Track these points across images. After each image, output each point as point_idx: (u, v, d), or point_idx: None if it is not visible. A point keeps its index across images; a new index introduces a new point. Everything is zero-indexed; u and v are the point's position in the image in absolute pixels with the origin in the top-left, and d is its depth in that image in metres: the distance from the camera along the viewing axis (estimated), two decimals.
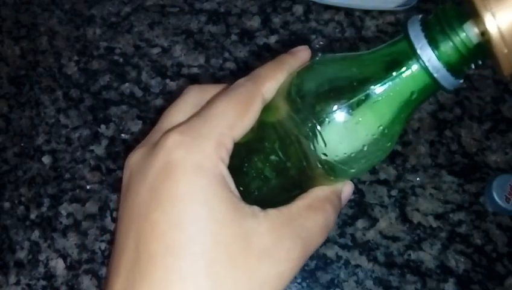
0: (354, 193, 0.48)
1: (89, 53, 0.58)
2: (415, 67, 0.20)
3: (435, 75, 0.19)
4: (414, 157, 0.49)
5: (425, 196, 0.48)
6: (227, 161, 0.21)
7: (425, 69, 0.20)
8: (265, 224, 0.20)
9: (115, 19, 0.60)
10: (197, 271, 0.18)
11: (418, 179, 0.48)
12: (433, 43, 0.19)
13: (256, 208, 0.20)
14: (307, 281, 0.44)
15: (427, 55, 0.19)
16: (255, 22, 0.58)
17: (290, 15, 0.59)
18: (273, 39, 0.57)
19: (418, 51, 0.19)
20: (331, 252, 0.45)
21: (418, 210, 0.47)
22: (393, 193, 0.48)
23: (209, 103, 0.22)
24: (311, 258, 0.45)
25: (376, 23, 0.58)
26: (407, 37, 0.20)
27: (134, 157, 0.22)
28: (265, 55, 0.56)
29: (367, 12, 0.58)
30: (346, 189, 0.25)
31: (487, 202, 0.47)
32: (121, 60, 0.57)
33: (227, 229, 0.19)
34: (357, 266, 0.45)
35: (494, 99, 0.52)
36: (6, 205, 0.50)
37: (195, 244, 0.19)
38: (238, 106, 0.21)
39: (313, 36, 0.57)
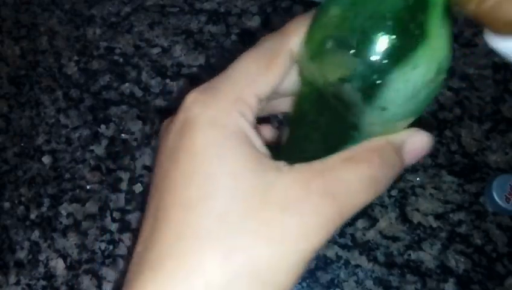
0: None
1: (89, 53, 0.58)
2: None
3: None
4: None
5: (425, 196, 0.48)
6: (250, 117, 0.19)
7: None
8: (289, 176, 0.18)
9: (115, 19, 0.60)
10: (211, 225, 0.17)
11: (418, 179, 0.48)
12: None
13: (281, 163, 0.19)
14: (307, 281, 0.44)
15: None
16: (255, 22, 0.58)
17: (290, 15, 0.59)
18: None
19: None
20: (331, 252, 0.45)
21: (418, 210, 0.47)
22: (393, 193, 0.48)
23: (235, 60, 0.21)
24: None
25: None
26: None
27: (165, 123, 0.22)
28: None
29: None
30: (415, 139, 0.20)
31: (487, 202, 0.47)
32: (121, 60, 0.57)
33: (244, 182, 0.18)
34: (357, 266, 0.45)
35: (494, 99, 0.52)
36: (6, 205, 0.50)
37: (210, 199, 0.18)
38: (261, 61, 0.20)
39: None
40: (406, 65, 0.18)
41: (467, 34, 0.56)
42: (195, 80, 0.55)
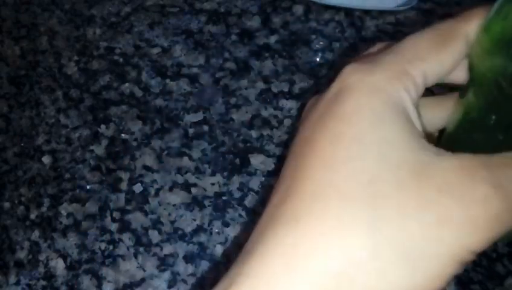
0: None
1: (89, 53, 0.58)
2: None
3: None
4: None
5: None
6: (413, 93, 0.18)
7: None
8: (450, 161, 0.16)
9: (115, 19, 0.60)
10: (354, 187, 0.16)
11: None
12: None
13: (441, 149, 0.17)
14: None
15: None
16: (255, 22, 0.58)
17: (290, 15, 0.59)
18: (273, 39, 0.57)
19: None
20: None
21: None
22: None
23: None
24: None
25: (376, 23, 0.58)
26: None
27: (310, 101, 0.21)
28: (265, 55, 0.56)
29: (367, 12, 0.58)
30: None
31: None
32: (121, 60, 0.57)
33: (399, 152, 0.16)
34: None
35: None
36: (6, 205, 0.50)
37: (356, 160, 0.16)
38: (433, 39, 0.19)
39: (313, 36, 0.57)
40: None
41: None
42: (195, 80, 0.55)
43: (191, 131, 0.52)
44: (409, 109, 0.18)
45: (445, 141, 0.22)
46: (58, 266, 0.47)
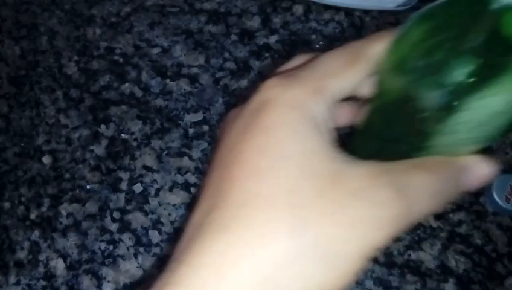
0: None
1: (89, 53, 0.58)
2: None
3: None
4: None
5: None
6: (327, 108, 0.20)
7: None
8: (360, 168, 0.18)
9: (115, 19, 0.60)
10: (278, 196, 0.17)
11: None
12: None
13: (351, 157, 0.19)
14: None
15: None
16: (255, 22, 0.58)
17: (290, 15, 0.59)
18: (273, 39, 0.57)
19: None
20: None
21: None
22: None
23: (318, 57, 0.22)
24: None
25: (376, 23, 0.58)
26: None
27: (232, 112, 0.22)
28: (265, 55, 0.56)
29: (367, 12, 0.58)
30: (480, 166, 0.20)
31: (487, 202, 0.47)
32: (121, 60, 0.57)
33: (316, 163, 0.18)
34: None
35: None
36: (6, 205, 0.50)
37: (279, 170, 0.18)
38: (341, 59, 0.21)
39: (313, 36, 0.57)
40: (487, 91, 0.18)
41: None
42: (195, 80, 0.55)
43: (191, 131, 0.52)
44: (325, 121, 0.19)
45: (355, 147, 0.24)
46: (58, 266, 0.47)
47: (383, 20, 0.57)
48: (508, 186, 0.46)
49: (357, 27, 0.57)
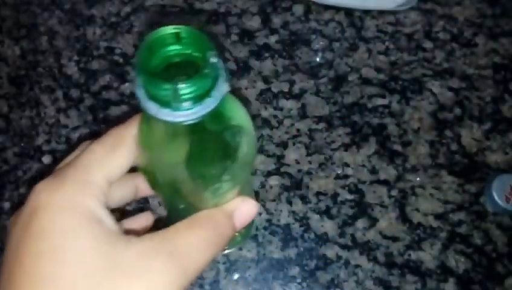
0: (354, 193, 0.48)
1: (89, 53, 0.58)
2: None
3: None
4: (414, 158, 0.49)
5: (425, 196, 0.48)
6: (101, 197, 0.21)
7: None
8: (138, 245, 0.20)
9: (114, 19, 0.60)
10: None
11: (418, 179, 0.48)
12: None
13: (132, 236, 0.21)
14: (307, 281, 0.44)
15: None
16: (255, 22, 0.58)
17: (290, 15, 0.59)
18: (273, 39, 0.57)
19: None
20: (331, 252, 0.45)
21: (418, 210, 0.47)
22: (393, 193, 0.48)
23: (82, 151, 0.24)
24: (311, 258, 0.45)
25: (376, 23, 0.58)
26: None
27: (14, 214, 0.23)
28: (265, 55, 0.56)
29: (367, 12, 0.58)
30: (242, 207, 0.24)
31: (487, 202, 0.47)
32: (121, 60, 0.57)
33: (91, 256, 0.19)
34: (357, 266, 0.45)
35: (494, 99, 0.52)
36: (6, 205, 0.50)
37: (58, 274, 0.19)
38: (107, 145, 0.23)
39: (313, 36, 0.57)
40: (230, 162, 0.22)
41: (467, 34, 0.56)
42: None
43: None
44: (99, 212, 0.21)
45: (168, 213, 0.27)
46: None
47: (383, 20, 0.57)
48: (508, 186, 0.46)
49: (357, 27, 0.57)
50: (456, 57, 0.55)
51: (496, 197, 0.45)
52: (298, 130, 0.51)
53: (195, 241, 0.21)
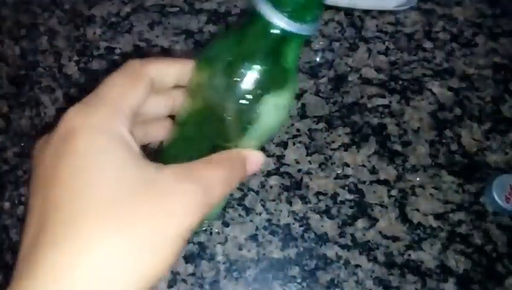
0: (353, 193, 0.48)
1: (89, 53, 0.58)
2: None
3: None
4: (414, 157, 0.49)
5: (425, 196, 0.48)
6: (127, 124, 0.23)
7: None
8: (166, 171, 0.22)
9: (114, 19, 0.60)
10: (99, 209, 0.20)
11: (418, 179, 0.48)
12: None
13: (159, 163, 0.23)
14: (307, 281, 0.44)
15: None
16: None
17: None
18: None
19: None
20: (331, 252, 0.45)
21: (418, 210, 0.47)
22: (393, 192, 0.48)
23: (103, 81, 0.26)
24: (311, 258, 0.45)
25: (376, 23, 0.58)
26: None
27: (39, 142, 0.25)
28: None
29: (367, 12, 0.58)
30: (254, 155, 0.28)
31: (487, 202, 0.47)
32: (121, 60, 0.57)
33: (126, 175, 0.21)
34: (357, 266, 0.45)
35: (494, 99, 0.52)
36: (6, 205, 0.50)
37: (98, 187, 0.21)
38: (127, 80, 0.25)
39: (313, 36, 0.57)
40: (271, 98, 0.25)
41: (467, 34, 0.56)
42: None
43: None
44: (128, 138, 0.23)
45: (166, 155, 0.30)
46: None
47: (383, 20, 0.57)
48: (508, 186, 0.46)
49: (357, 27, 0.57)
50: (456, 57, 0.55)
51: (496, 197, 0.45)
52: (298, 130, 0.51)
53: (213, 176, 0.24)
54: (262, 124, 0.26)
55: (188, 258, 0.46)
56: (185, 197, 0.22)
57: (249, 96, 0.24)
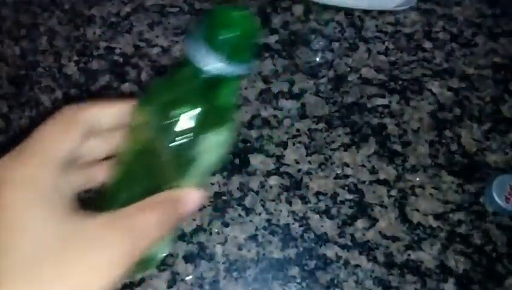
0: (353, 193, 0.48)
1: (89, 53, 0.58)
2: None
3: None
4: (414, 158, 0.49)
5: (425, 196, 0.48)
6: (57, 173, 0.23)
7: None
8: (93, 222, 0.22)
9: (114, 19, 0.60)
10: (17, 269, 0.20)
11: (417, 179, 0.48)
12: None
13: (89, 212, 0.23)
14: (307, 281, 0.44)
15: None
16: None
17: (290, 15, 0.59)
18: (273, 39, 0.57)
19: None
20: (331, 252, 0.45)
21: (417, 210, 0.47)
22: (393, 193, 0.48)
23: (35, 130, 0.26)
24: (311, 258, 0.45)
25: (376, 23, 0.58)
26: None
27: None
28: (265, 55, 0.56)
29: (367, 12, 0.58)
30: (189, 195, 0.27)
31: (487, 202, 0.47)
32: (121, 60, 0.57)
33: (53, 229, 0.21)
34: (357, 266, 0.45)
35: (494, 99, 0.52)
36: None
37: (20, 247, 0.20)
38: (60, 125, 0.25)
39: (313, 36, 0.57)
40: (208, 138, 0.25)
41: (467, 34, 0.56)
42: None
43: None
44: (57, 188, 0.22)
45: (107, 196, 0.29)
46: None
47: (382, 20, 0.57)
48: (508, 186, 0.46)
49: (357, 27, 0.57)
50: (456, 57, 0.55)
51: (496, 197, 0.45)
52: (298, 130, 0.51)
53: (148, 223, 0.23)
54: (203, 161, 0.26)
55: (188, 258, 0.46)
56: (110, 249, 0.21)
57: (185, 138, 0.24)
